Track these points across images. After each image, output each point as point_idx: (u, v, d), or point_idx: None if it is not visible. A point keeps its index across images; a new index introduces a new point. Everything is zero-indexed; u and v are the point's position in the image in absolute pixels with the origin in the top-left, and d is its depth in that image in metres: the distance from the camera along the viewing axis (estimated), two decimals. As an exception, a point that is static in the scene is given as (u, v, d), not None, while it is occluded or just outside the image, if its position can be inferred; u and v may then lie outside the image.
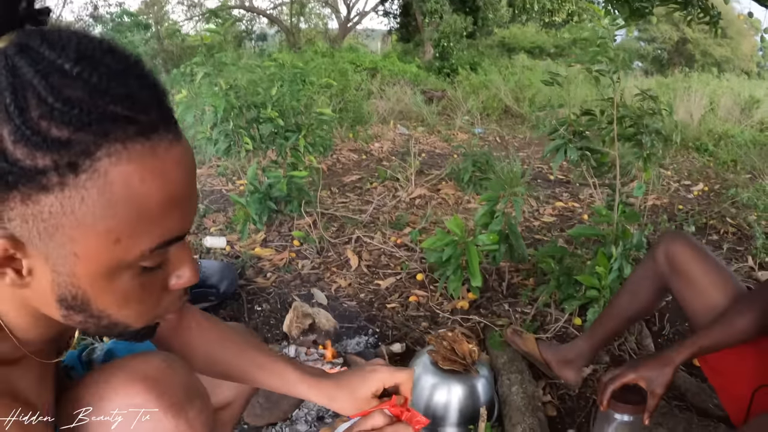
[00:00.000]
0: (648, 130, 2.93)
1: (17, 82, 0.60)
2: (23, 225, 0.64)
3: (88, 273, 0.70)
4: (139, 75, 0.66)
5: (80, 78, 0.61)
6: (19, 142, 0.60)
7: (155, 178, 0.66)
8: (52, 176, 0.62)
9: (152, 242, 0.70)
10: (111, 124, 0.62)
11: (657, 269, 1.96)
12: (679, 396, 2.39)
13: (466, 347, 2.17)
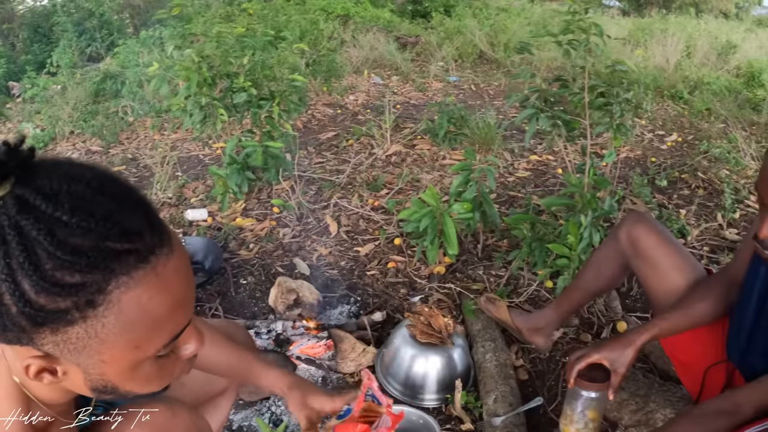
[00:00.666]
0: (618, 100, 3.01)
1: (25, 241, 0.70)
2: (55, 347, 0.76)
3: (114, 372, 0.82)
4: (127, 206, 0.76)
5: (79, 227, 0.71)
6: (40, 293, 0.71)
7: (160, 293, 0.78)
8: (74, 313, 0.73)
9: (165, 339, 0.83)
10: (115, 261, 0.73)
11: (619, 249, 2.07)
12: (643, 358, 2.53)
13: (442, 321, 2.30)
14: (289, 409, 1.45)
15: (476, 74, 8.35)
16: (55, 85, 7.08)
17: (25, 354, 0.79)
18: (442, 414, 2.24)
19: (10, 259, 0.70)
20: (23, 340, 0.76)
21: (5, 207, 0.71)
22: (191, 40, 3.74)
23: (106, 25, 9.35)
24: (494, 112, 5.77)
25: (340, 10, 11.02)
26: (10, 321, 0.73)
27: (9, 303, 0.72)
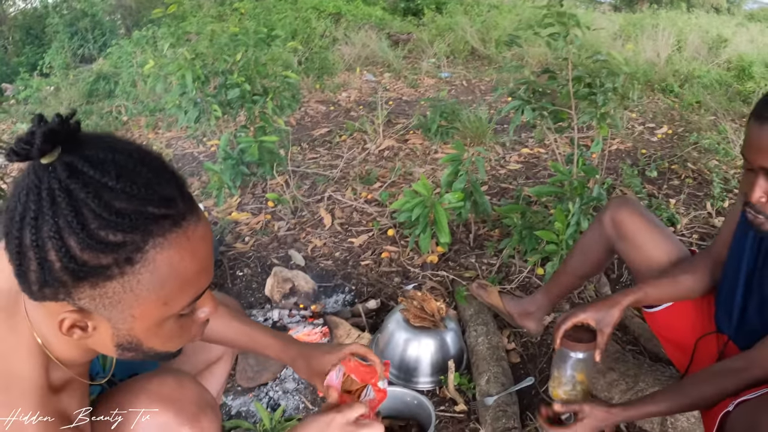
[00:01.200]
0: (602, 90, 3.07)
1: (74, 203, 0.79)
2: (91, 301, 0.85)
3: (142, 327, 0.92)
4: (164, 176, 0.87)
5: (123, 192, 0.81)
6: (85, 249, 0.80)
7: (189, 255, 0.88)
8: (114, 269, 0.82)
9: (190, 298, 0.93)
10: (153, 223, 0.83)
11: (604, 233, 2.12)
12: (633, 341, 2.60)
13: (434, 305, 2.36)
14: (300, 376, 1.52)
15: (468, 70, 8.40)
16: (49, 86, 7.11)
17: (58, 310, 0.87)
18: (437, 396, 2.31)
19: (59, 219, 0.79)
20: (61, 295, 0.84)
21: (55, 172, 0.80)
22: (185, 39, 3.78)
23: (98, 26, 9.37)
24: (486, 107, 5.83)
25: (332, 8, 11.06)
26: (51, 276, 0.82)
27: (53, 259, 0.80)
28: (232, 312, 1.52)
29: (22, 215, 0.81)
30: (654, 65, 7.97)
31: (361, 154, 4.75)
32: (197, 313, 1.00)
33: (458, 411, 2.23)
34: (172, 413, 1.17)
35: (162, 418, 1.16)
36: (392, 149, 4.89)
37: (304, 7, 10.70)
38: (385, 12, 12.56)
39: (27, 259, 0.82)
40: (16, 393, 0.94)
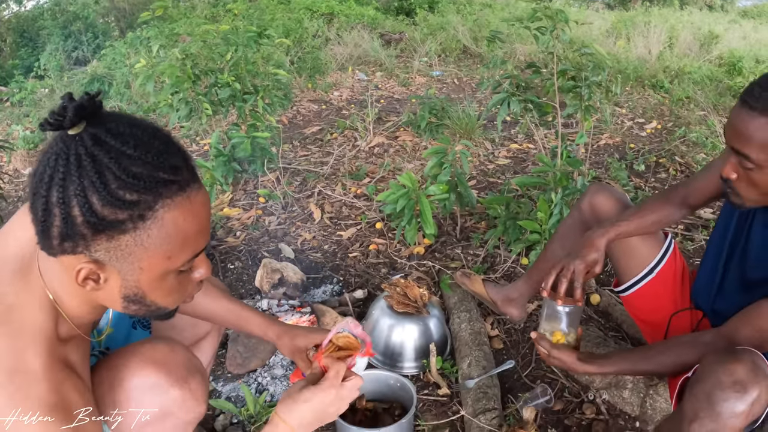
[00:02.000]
0: (586, 83, 3.13)
1: (98, 166, 0.93)
2: (106, 253, 0.98)
3: (147, 279, 1.04)
4: (172, 148, 1.01)
5: (139, 159, 0.95)
6: (105, 206, 0.94)
7: (192, 217, 1.02)
8: (128, 224, 0.96)
9: (189, 255, 1.05)
10: (163, 186, 0.97)
11: (583, 218, 2.19)
12: (616, 327, 2.67)
13: (417, 291, 2.43)
14: (283, 354, 1.60)
15: (459, 68, 8.47)
16: (43, 88, 7.17)
17: (74, 263, 0.99)
18: (420, 381, 2.38)
19: (84, 179, 0.93)
20: (79, 248, 0.97)
21: (82, 141, 0.94)
22: (176, 40, 3.85)
23: (91, 28, 9.43)
24: (476, 104, 5.90)
25: (325, 9, 11.12)
26: (73, 230, 0.95)
27: (77, 214, 0.94)
28: (221, 291, 1.63)
29: (51, 177, 0.94)
30: (645, 62, 8.03)
31: (351, 151, 4.82)
32: (194, 273, 1.13)
33: (441, 395, 2.29)
34: (163, 374, 1.27)
35: (153, 378, 1.26)
36: (382, 146, 4.95)
37: (297, 7, 10.76)
38: (377, 12, 12.62)
39: (52, 215, 0.95)
40: (28, 338, 1.06)
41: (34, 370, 1.04)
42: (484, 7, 12.69)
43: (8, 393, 1.01)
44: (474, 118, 5.07)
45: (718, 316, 1.77)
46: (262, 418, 2.14)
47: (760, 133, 1.39)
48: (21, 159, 5.01)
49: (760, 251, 1.65)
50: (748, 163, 1.44)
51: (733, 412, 1.36)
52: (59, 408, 1.05)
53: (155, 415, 1.29)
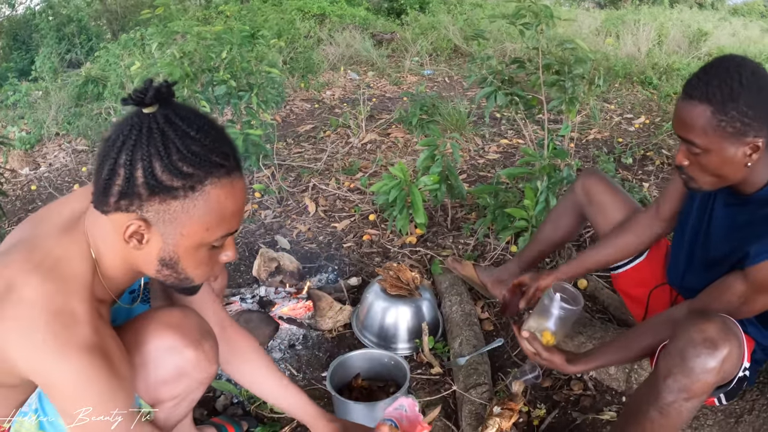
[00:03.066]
0: (570, 76, 3.23)
1: (166, 140, 1.11)
2: (155, 215, 1.14)
3: (185, 245, 1.20)
4: (225, 139, 1.19)
5: (199, 141, 1.13)
6: (164, 172, 1.11)
7: (232, 198, 1.19)
8: (180, 192, 1.13)
9: (223, 232, 1.22)
10: (213, 167, 1.14)
11: (576, 200, 2.33)
12: (602, 310, 2.77)
13: (409, 275, 2.53)
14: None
15: (450, 67, 8.56)
16: (38, 90, 7.22)
17: (124, 220, 1.15)
18: (414, 361, 2.47)
19: (151, 147, 1.10)
20: (133, 205, 1.13)
21: (155, 118, 1.12)
22: (173, 39, 3.93)
23: (84, 31, 9.48)
24: (467, 102, 6.00)
25: (316, 10, 11.21)
26: (132, 189, 1.12)
27: (139, 176, 1.10)
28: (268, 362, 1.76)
29: (123, 142, 1.11)
30: (634, 59, 8.12)
31: (344, 148, 4.92)
32: (222, 254, 1.29)
33: (434, 373, 2.39)
34: (179, 336, 1.40)
35: (170, 341, 1.40)
36: (374, 142, 5.05)
37: (289, 9, 10.84)
38: (368, 12, 12.71)
39: (116, 175, 1.12)
40: (72, 286, 1.20)
41: (78, 313, 1.18)
42: (474, 6, 12.78)
43: (54, 331, 1.14)
44: (464, 114, 5.17)
45: (688, 293, 1.87)
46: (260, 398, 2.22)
47: (701, 120, 1.48)
48: (18, 159, 5.08)
49: (722, 230, 1.74)
50: (694, 148, 1.53)
51: (704, 367, 1.45)
52: (99, 349, 1.19)
53: (171, 375, 1.41)
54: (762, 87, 1.46)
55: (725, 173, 1.56)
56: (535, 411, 2.18)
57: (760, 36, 12.59)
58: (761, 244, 1.51)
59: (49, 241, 1.23)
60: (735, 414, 1.93)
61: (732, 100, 1.45)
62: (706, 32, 9.90)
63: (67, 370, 1.15)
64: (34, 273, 1.17)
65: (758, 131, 1.47)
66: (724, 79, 1.46)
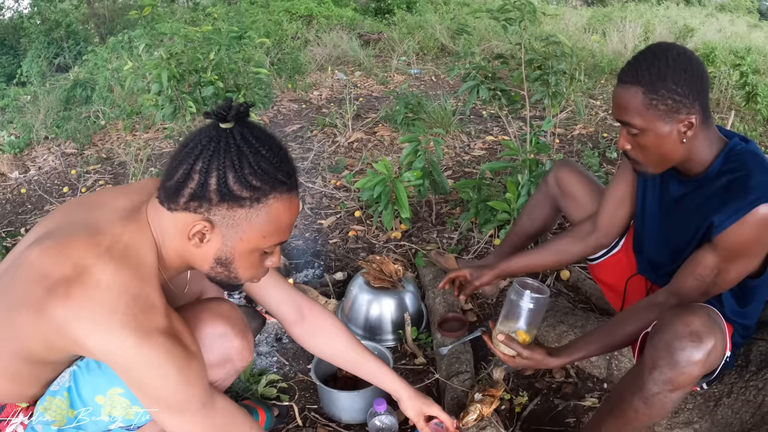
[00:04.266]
0: (552, 71, 3.29)
1: (241, 154, 1.24)
2: (221, 219, 1.28)
3: (241, 249, 1.33)
4: (289, 161, 1.32)
5: (268, 159, 1.26)
6: (236, 182, 1.24)
7: (289, 213, 1.33)
8: (247, 201, 1.26)
9: (276, 241, 1.35)
10: (278, 183, 1.28)
11: (549, 192, 2.37)
12: (585, 300, 2.82)
13: (392, 267, 2.57)
14: (406, 413, 1.88)
15: (437, 66, 8.61)
16: (26, 95, 7.23)
17: (190, 220, 1.27)
18: (398, 352, 2.52)
19: (227, 159, 1.23)
20: (202, 208, 1.26)
21: (233, 134, 1.25)
22: (160, 39, 3.97)
23: (72, 35, 9.51)
24: (453, 100, 6.05)
25: (304, 11, 11.26)
26: (203, 193, 1.24)
27: (212, 182, 1.24)
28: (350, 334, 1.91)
29: (201, 151, 1.24)
30: (620, 56, 8.19)
31: (331, 147, 4.96)
32: (267, 261, 1.40)
33: (418, 363, 2.44)
34: (230, 326, 1.55)
35: (221, 329, 1.53)
36: (361, 141, 5.09)
37: (276, 10, 10.88)
38: (356, 13, 12.77)
39: (191, 179, 1.24)
40: (146, 272, 1.31)
41: (153, 298, 1.29)
42: (461, 5, 12.84)
43: (133, 313, 1.23)
44: (450, 112, 5.22)
45: (661, 278, 1.91)
46: (252, 388, 2.27)
47: (634, 101, 1.57)
48: (7, 163, 5.10)
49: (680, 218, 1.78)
50: (632, 129, 1.61)
51: (690, 360, 1.47)
52: (173, 332, 1.30)
53: (218, 359, 1.54)
54: (687, 67, 1.55)
55: (665, 151, 1.63)
56: (517, 398, 2.23)
57: (747, 32, 12.72)
58: (723, 211, 1.56)
59: (114, 227, 1.32)
60: (714, 397, 1.96)
61: (660, 79, 1.54)
62: (692, 28, 10.00)
63: (148, 353, 1.25)
64: (107, 257, 1.25)
65: (690, 108, 1.56)
66: (652, 62, 1.56)
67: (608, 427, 1.73)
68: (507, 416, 2.14)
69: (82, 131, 5.68)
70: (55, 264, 1.22)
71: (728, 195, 1.58)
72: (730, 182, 1.60)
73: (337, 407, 2.14)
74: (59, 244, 1.26)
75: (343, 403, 2.12)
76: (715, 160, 1.65)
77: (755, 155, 1.62)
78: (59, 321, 1.19)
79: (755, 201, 1.51)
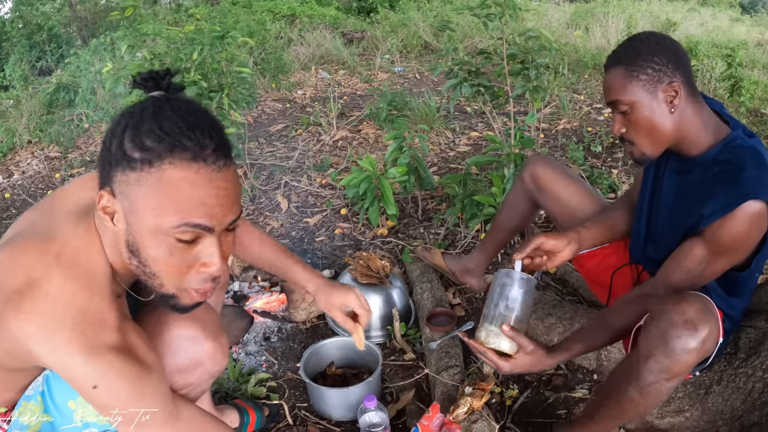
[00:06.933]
0: (533, 65, 3.29)
1: (145, 115, 1.11)
2: (118, 186, 1.13)
3: (140, 227, 1.14)
4: (212, 133, 1.14)
5: (175, 122, 1.11)
6: (130, 141, 1.10)
7: (191, 186, 1.11)
8: (137, 164, 1.10)
9: (177, 220, 1.12)
10: (177, 149, 1.10)
11: (525, 188, 2.35)
12: (573, 292, 2.83)
13: (379, 263, 2.57)
14: (318, 306, 1.85)
15: (421, 64, 8.61)
16: (9, 99, 7.19)
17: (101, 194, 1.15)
18: (387, 348, 2.51)
19: (130, 120, 1.12)
20: (107, 177, 1.14)
21: (155, 100, 1.14)
22: (143, 40, 3.94)
23: (54, 38, 9.45)
24: (437, 97, 6.05)
25: (287, 11, 11.25)
26: (106, 159, 1.13)
27: (114, 146, 1.12)
28: (272, 240, 1.85)
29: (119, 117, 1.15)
30: (603, 51, 8.21)
31: (316, 146, 4.95)
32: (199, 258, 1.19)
33: (407, 359, 2.44)
34: (200, 329, 1.45)
35: (191, 331, 1.44)
36: (346, 139, 5.09)
37: (259, 10, 10.86)
38: (338, 11, 12.77)
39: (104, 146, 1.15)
40: (96, 281, 1.21)
41: (102, 310, 1.19)
42: (444, 3, 12.84)
43: (81, 330, 1.15)
44: (434, 109, 5.22)
45: (652, 264, 1.90)
46: (241, 387, 2.27)
47: (618, 79, 1.64)
48: (-9, 166, 5.08)
49: (673, 197, 1.79)
50: (622, 107, 1.65)
51: (685, 348, 1.47)
52: (124, 348, 1.21)
53: (188, 363, 1.45)
54: (661, 41, 1.65)
55: (656, 124, 1.65)
56: (507, 391, 2.23)
57: (729, 25, 12.79)
58: (713, 203, 1.56)
59: (64, 231, 1.23)
60: (704, 385, 1.97)
61: (636, 54, 1.63)
62: (675, 23, 10.03)
63: (96, 369, 1.17)
64: (56, 267, 1.17)
65: (672, 76, 1.61)
66: (629, 43, 1.67)
67: (602, 417, 1.73)
68: (498, 409, 2.14)
69: (66, 135, 5.65)
70: (9, 275, 1.16)
71: (719, 186, 1.58)
72: (722, 173, 1.60)
73: (327, 405, 2.14)
74: (14, 253, 1.19)
75: (333, 400, 2.12)
76: (714, 147, 1.66)
77: (754, 150, 1.61)
78: (14, 334, 1.14)
79: (745, 196, 1.51)
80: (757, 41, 9.71)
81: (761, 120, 5.27)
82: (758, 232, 1.58)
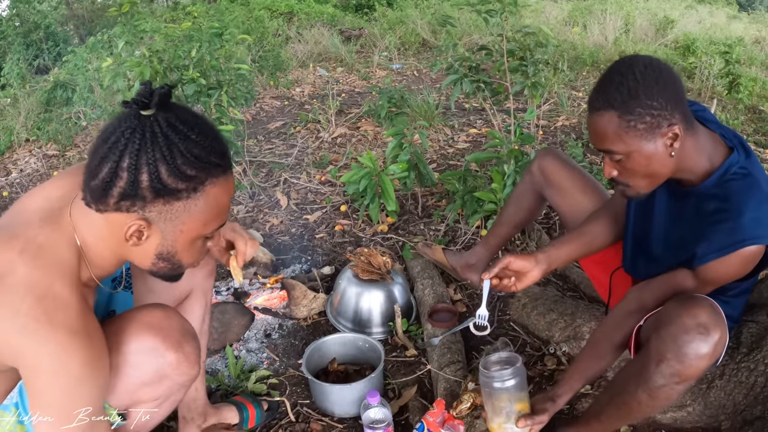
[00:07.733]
0: (531, 61, 3.29)
1: (170, 143, 1.16)
2: (158, 215, 1.21)
3: (183, 241, 1.28)
4: (220, 138, 1.26)
5: (200, 143, 1.19)
6: (170, 176, 1.17)
7: (226, 194, 1.28)
8: (183, 193, 1.20)
9: (217, 225, 1.30)
10: (213, 168, 1.22)
11: (533, 181, 2.35)
12: (573, 288, 2.82)
13: (380, 259, 2.57)
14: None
15: (419, 61, 8.60)
16: (6, 97, 7.17)
17: (124, 220, 1.20)
18: (389, 344, 2.51)
19: (156, 152, 1.15)
20: (135, 206, 1.18)
21: (157, 122, 1.16)
22: (141, 37, 3.92)
23: (51, 36, 9.42)
24: (436, 94, 6.04)
25: (284, 8, 11.22)
26: (134, 191, 1.16)
27: (144, 179, 1.15)
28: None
29: (125, 146, 1.14)
30: (601, 48, 8.21)
31: (315, 143, 4.94)
32: (208, 242, 1.37)
33: (409, 355, 2.43)
34: (160, 339, 1.40)
35: (150, 343, 1.40)
36: (345, 136, 5.08)
37: (257, 7, 10.83)
38: (336, 9, 12.73)
39: (119, 177, 1.15)
40: (56, 272, 1.22)
41: (62, 297, 1.20)
42: (441, 0, 12.83)
43: (36, 315, 1.16)
44: (433, 106, 5.22)
45: (639, 276, 1.89)
46: (242, 385, 2.26)
47: (611, 126, 1.48)
48: (-11, 165, 5.06)
49: (666, 223, 1.76)
50: (616, 156, 1.53)
51: (698, 353, 1.45)
52: (83, 333, 1.21)
53: (152, 377, 1.41)
54: (658, 77, 1.46)
55: (655, 170, 1.54)
56: (509, 387, 2.23)
57: (726, 23, 12.80)
58: (707, 243, 1.53)
59: (29, 230, 1.25)
60: (706, 380, 1.97)
61: (632, 97, 1.44)
62: (672, 20, 10.02)
63: (46, 351, 1.16)
64: (18, 260, 1.19)
65: (671, 119, 1.46)
66: (620, 82, 1.46)
67: (608, 417, 1.73)
68: (499, 405, 2.14)
69: (64, 133, 5.64)
70: None
71: (716, 227, 1.53)
72: (719, 212, 1.54)
73: (329, 401, 2.14)
74: None
75: (336, 396, 2.12)
76: (711, 175, 1.58)
77: (752, 180, 1.54)
78: None
79: (743, 242, 1.48)
80: (754, 38, 9.72)
81: (759, 117, 5.27)
82: (753, 265, 1.55)
